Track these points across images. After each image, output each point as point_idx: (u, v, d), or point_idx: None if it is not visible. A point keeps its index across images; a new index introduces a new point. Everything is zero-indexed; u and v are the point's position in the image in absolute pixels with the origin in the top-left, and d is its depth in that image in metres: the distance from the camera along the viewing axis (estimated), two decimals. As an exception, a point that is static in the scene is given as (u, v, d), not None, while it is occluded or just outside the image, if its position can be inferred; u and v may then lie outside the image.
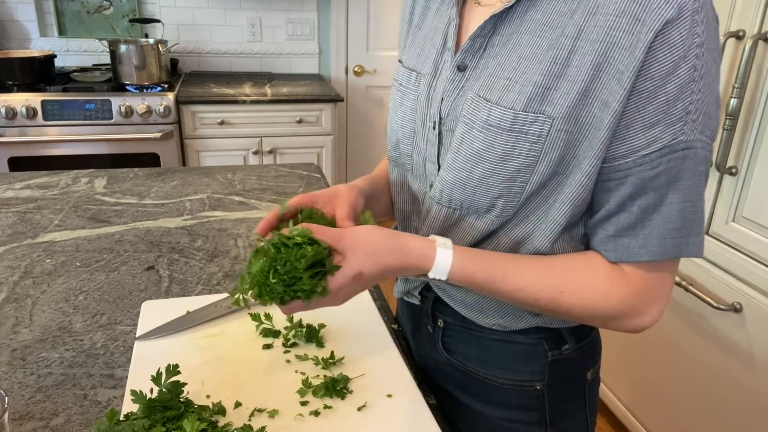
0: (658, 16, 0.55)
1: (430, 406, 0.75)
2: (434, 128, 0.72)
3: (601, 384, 1.59)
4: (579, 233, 0.70)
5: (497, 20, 0.66)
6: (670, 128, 0.58)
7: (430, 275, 0.66)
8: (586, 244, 0.71)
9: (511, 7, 0.64)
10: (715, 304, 1.47)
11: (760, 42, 1.34)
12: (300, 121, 2.78)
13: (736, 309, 1.43)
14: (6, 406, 0.60)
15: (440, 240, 0.67)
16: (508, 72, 0.64)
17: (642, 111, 0.58)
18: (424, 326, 0.86)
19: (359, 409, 0.73)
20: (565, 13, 0.61)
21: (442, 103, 0.71)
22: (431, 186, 0.76)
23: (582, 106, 0.60)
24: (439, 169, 0.73)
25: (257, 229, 0.69)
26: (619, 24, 0.57)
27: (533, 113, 0.61)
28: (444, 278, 0.66)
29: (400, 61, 0.82)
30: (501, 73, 0.64)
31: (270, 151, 2.78)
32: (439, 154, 0.73)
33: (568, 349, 0.77)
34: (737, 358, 1.45)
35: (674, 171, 0.59)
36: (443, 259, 0.65)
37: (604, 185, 0.63)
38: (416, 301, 0.85)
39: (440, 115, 0.71)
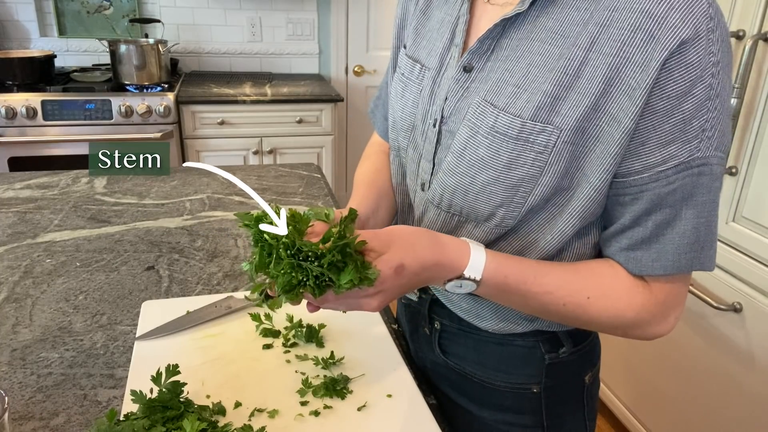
0: (673, 35, 0.54)
1: (430, 406, 0.75)
2: (434, 126, 0.71)
3: (602, 384, 1.58)
4: (589, 241, 0.69)
5: (507, 23, 0.64)
6: (686, 146, 0.58)
7: (466, 273, 0.63)
8: (595, 252, 0.70)
9: (523, 12, 0.63)
10: (715, 304, 1.47)
11: (760, 42, 1.34)
12: (300, 121, 2.78)
13: (736, 309, 1.43)
14: (6, 406, 0.60)
15: (471, 240, 0.66)
16: (517, 79, 0.63)
17: (658, 129, 0.58)
18: (422, 328, 0.86)
19: (359, 409, 0.73)
20: (578, 22, 0.60)
21: (446, 102, 0.70)
22: (422, 185, 0.75)
23: (590, 119, 0.59)
24: (433, 168, 0.73)
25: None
26: (633, 40, 0.56)
27: (541, 123, 0.60)
28: (479, 277, 0.63)
29: (404, 46, 0.80)
30: (509, 79, 0.63)
31: (270, 151, 2.78)
32: (435, 152, 0.72)
33: (565, 352, 0.77)
34: (737, 358, 1.45)
35: (689, 187, 0.59)
36: (477, 255, 0.63)
37: (618, 200, 0.63)
38: (414, 298, 0.85)
39: (443, 113, 0.70)
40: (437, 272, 0.62)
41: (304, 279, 0.56)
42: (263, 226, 0.58)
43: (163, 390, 0.68)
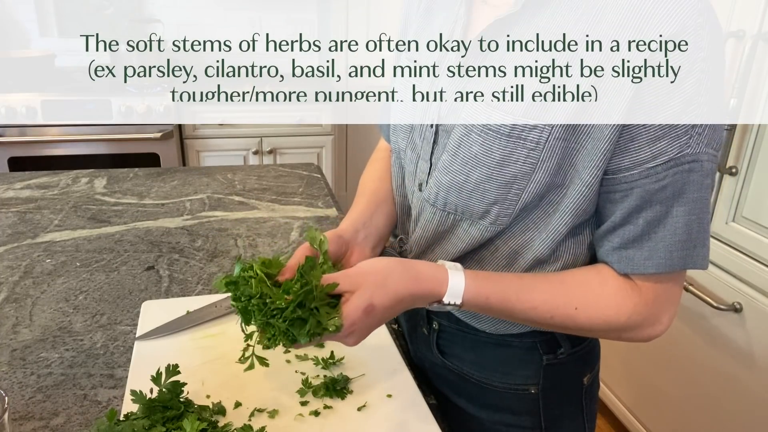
0: (660, 31, 0.55)
1: (430, 406, 0.75)
2: (431, 126, 0.72)
3: (602, 384, 1.58)
4: (584, 240, 0.69)
5: (502, 24, 0.65)
6: (676, 141, 0.57)
7: (445, 300, 0.64)
8: (592, 251, 0.70)
9: (516, 12, 0.64)
10: (715, 304, 1.47)
11: (760, 42, 1.34)
12: (300, 121, 2.78)
13: (736, 309, 1.43)
14: (6, 406, 0.60)
15: (449, 263, 0.66)
16: (511, 78, 0.63)
17: (647, 125, 0.58)
18: (420, 328, 0.86)
19: (359, 409, 0.73)
20: (569, 21, 0.60)
21: (442, 102, 0.71)
22: (420, 186, 0.76)
23: (581, 115, 0.60)
24: (430, 168, 0.73)
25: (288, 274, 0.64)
26: (622, 35, 0.56)
27: (532, 120, 0.61)
28: (459, 302, 0.64)
29: (405, 50, 0.82)
30: (503, 78, 0.64)
31: (270, 151, 2.78)
32: (432, 152, 0.73)
33: (563, 353, 0.77)
34: (737, 358, 1.45)
35: (680, 184, 0.59)
36: (456, 281, 0.64)
37: (609, 197, 0.63)
38: None
39: (439, 113, 0.71)
40: (414, 303, 0.64)
41: (275, 333, 0.61)
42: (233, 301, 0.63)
43: (163, 390, 0.68)
